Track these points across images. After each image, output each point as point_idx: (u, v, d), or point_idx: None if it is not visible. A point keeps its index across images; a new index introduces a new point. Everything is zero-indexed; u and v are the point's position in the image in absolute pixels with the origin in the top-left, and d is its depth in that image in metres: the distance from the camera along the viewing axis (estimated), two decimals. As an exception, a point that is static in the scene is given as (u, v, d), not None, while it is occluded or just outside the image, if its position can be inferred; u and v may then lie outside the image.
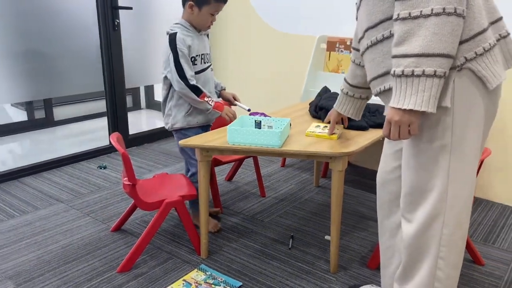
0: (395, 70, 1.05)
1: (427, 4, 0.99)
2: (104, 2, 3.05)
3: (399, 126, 1.09)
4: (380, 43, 1.17)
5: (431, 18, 0.99)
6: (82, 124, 4.21)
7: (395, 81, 1.06)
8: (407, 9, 1.01)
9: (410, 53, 1.01)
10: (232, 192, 2.66)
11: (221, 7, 1.97)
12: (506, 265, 1.94)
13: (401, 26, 1.03)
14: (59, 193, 2.62)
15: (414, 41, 1.01)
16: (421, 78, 1.01)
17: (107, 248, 2.02)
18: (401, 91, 1.05)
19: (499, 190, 2.56)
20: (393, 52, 1.06)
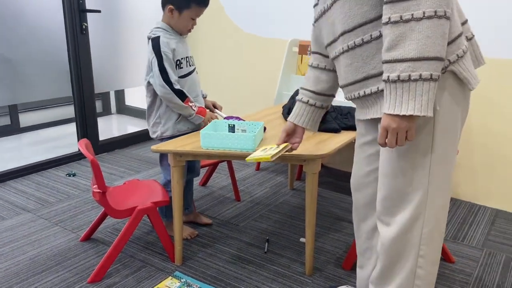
0: (389, 76, 1.02)
1: (418, 7, 0.98)
2: (71, 5, 2.97)
3: (396, 133, 1.06)
4: (359, 47, 1.14)
5: (424, 21, 0.98)
6: (50, 131, 4.08)
7: (388, 87, 1.03)
8: (398, 12, 0.99)
9: (405, 57, 0.99)
10: (207, 197, 2.63)
11: (202, 11, 1.96)
12: (475, 262, 1.99)
13: (392, 30, 1.01)
14: (26, 202, 2.52)
15: (408, 45, 0.99)
16: (418, 82, 0.99)
17: (77, 258, 1.96)
18: (396, 96, 1.02)
19: (466, 188, 2.64)
20: (385, 57, 1.03)
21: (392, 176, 1.19)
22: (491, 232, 2.28)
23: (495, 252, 2.08)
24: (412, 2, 0.98)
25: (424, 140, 1.13)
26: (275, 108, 2.53)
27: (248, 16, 3.34)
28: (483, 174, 2.57)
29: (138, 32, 3.53)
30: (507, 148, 2.45)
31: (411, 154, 1.14)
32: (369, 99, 1.19)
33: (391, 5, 1.00)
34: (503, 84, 2.40)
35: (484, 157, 2.54)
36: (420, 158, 1.14)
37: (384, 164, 1.21)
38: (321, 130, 1.99)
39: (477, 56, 1.21)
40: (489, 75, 2.43)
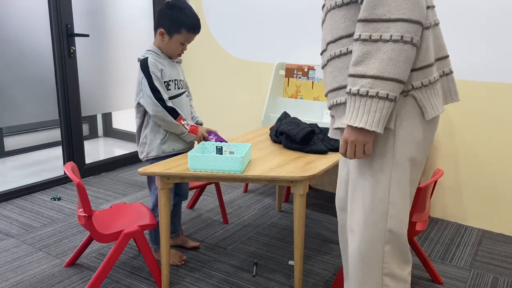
0: (350, 89, 1.09)
1: (387, 29, 1.04)
2: (59, 29, 2.99)
3: (354, 146, 1.13)
4: (337, 58, 1.20)
5: (389, 44, 1.04)
6: (35, 154, 4.03)
7: (349, 98, 1.10)
8: (369, 31, 1.06)
9: (366, 74, 1.05)
10: (194, 219, 2.61)
11: (192, 37, 1.99)
12: (463, 283, 1.99)
13: (360, 46, 1.07)
14: (9, 227, 2.47)
15: (372, 63, 1.05)
16: (374, 99, 1.05)
17: (61, 284, 1.91)
18: (354, 109, 1.09)
19: (453, 209, 2.66)
20: (350, 71, 1.09)
21: (355, 189, 1.24)
22: (478, 252, 2.29)
23: (483, 272, 2.09)
24: (383, 24, 1.04)
25: (383, 157, 1.18)
26: (262, 130, 2.54)
27: (235, 41, 3.39)
28: (469, 195, 2.60)
29: (125, 56, 3.56)
30: (493, 169, 2.50)
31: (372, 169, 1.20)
32: (339, 108, 1.24)
33: (363, 24, 1.07)
34: (487, 106, 2.46)
35: (470, 178, 2.58)
36: (380, 175, 1.19)
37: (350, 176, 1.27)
38: (308, 152, 2.01)
39: (450, 92, 1.26)
40: (472, 97, 2.49)
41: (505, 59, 2.36)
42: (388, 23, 1.04)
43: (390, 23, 1.04)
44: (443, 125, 2.60)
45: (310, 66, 2.86)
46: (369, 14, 1.06)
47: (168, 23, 1.95)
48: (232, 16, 3.37)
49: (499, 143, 2.45)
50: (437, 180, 1.77)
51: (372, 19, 1.05)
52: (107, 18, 3.38)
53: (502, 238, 2.46)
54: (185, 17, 1.93)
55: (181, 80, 2.09)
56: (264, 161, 1.87)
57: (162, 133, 1.98)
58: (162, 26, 1.95)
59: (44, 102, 3.04)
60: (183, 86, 2.09)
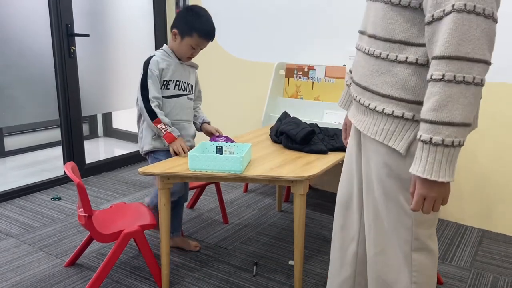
0: (431, 138, 0.95)
1: (470, 71, 0.93)
2: (59, 29, 2.99)
3: (434, 200, 1.02)
4: (374, 58, 1.12)
5: (471, 87, 0.93)
6: (35, 154, 4.03)
7: (427, 149, 0.97)
8: (453, 71, 0.93)
9: (452, 122, 0.94)
10: (195, 219, 2.61)
11: (203, 43, 2.00)
12: (463, 283, 1.99)
13: (444, 88, 0.94)
14: (9, 227, 2.47)
15: (455, 109, 0.93)
16: (456, 148, 0.96)
17: (61, 284, 1.91)
18: (435, 161, 0.96)
19: (453, 209, 2.66)
20: (429, 117, 0.96)
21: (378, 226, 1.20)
22: (479, 252, 2.29)
23: (483, 272, 2.09)
24: (466, 64, 0.93)
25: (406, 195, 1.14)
26: (262, 130, 2.54)
27: (235, 41, 3.39)
28: (470, 195, 2.60)
29: (125, 56, 3.56)
30: (494, 169, 2.50)
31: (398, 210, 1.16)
32: (361, 107, 1.19)
33: (447, 62, 0.93)
34: (487, 106, 2.46)
35: (470, 178, 2.58)
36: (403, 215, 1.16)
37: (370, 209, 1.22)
38: (308, 152, 2.01)
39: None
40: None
41: (505, 59, 2.36)
42: (472, 64, 0.93)
43: (474, 64, 0.93)
44: (443, 125, 2.60)
45: (310, 66, 2.86)
46: (454, 51, 0.92)
47: (181, 25, 1.98)
48: (232, 16, 3.37)
49: (499, 143, 2.45)
50: (437, 180, 1.77)
51: (456, 57, 0.92)
52: (107, 18, 3.38)
53: (502, 238, 2.46)
54: (199, 22, 1.95)
55: (189, 83, 2.10)
56: (264, 161, 1.87)
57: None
58: (176, 27, 2.00)
59: (44, 102, 3.04)
60: (187, 89, 2.10)
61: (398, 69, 1.06)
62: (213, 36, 2.02)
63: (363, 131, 1.16)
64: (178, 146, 1.94)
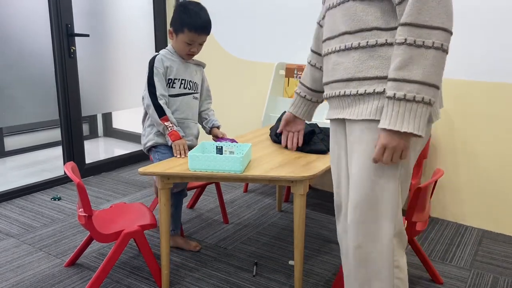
0: (395, 93, 1.08)
1: (429, 36, 1.05)
2: (59, 29, 2.99)
3: (393, 151, 1.12)
4: (354, 50, 1.20)
5: (431, 50, 1.05)
6: (35, 154, 4.03)
7: (391, 104, 1.09)
8: (413, 36, 1.06)
9: (412, 79, 1.06)
10: (195, 219, 2.61)
11: (196, 37, 1.98)
12: (463, 283, 1.99)
13: (405, 50, 1.07)
14: (9, 227, 2.47)
15: (416, 68, 1.06)
16: (419, 104, 1.07)
17: (61, 284, 1.91)
18: (398, 114, 1.08)
19: (453, 209, 2.66)
20: (393, 75, 1.08)
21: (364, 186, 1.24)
22: (479, 252, 2.29)
23: (483, 272, 2.09)
24: (425, 30, 1.05)
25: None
26: (262, 129, 2.54)
27: (235, 41, 3.39)
28: (469, 195, 2.60)
29: (125, 56, 3.56)
30: (493, 169, 2.50)
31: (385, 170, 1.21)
32: (347, 100, 1.24)
33: (408, 28, 1.07)
34: (488, 106, 2.46)
35: (470, 178, 2.58)
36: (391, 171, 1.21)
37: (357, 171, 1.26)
38: (308, 152, 2.01)
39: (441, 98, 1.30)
40: (472, 97, 2.49)
41: (505, 59, 2.36)
42: (430, 30, 1.05)
43: (432, 30, 1.05)
44: (443, 125, 2.60)
45: (310, 66, 2.85)
46: (415, 19, 1.06)
47: (174, 22, 2.00)
48: (232, 16, 3.37)
49: (499, 143, 2.45)
50: (437, 180, 1.77)
51: (416, 24, 1.06)
52: (107, 18, 3.38)
53: (502, 238, 2.46)
54: (188, 16, 1.94)
55: (194, 82, 2.11)
56: (264, 161, 1.87)
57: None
58: (171, 25, 2.02)
59: (44, 102, 3.04)
60: (193, 88, 2.10)
61: (381, 51, 1.16)
62: (204, 29, 1.98)
63: (356, 118, 1.21)
64: (181, 147, 1.95)
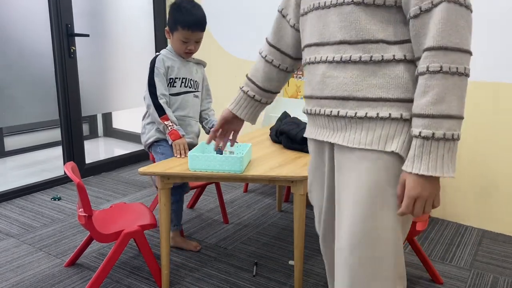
0: (434, 133, 0.90)
1: (461, 61, 0.91)
2: (59, 29, 2.99)
3: (426, 200, 0.94)
4: (353, 64, 1.01)
5: (464, 78, 0.92)
6: (35, 154, 4.03)
7: (428, 145, 0.91)
8: (448, 62, 0.90)
9: (451, 114, 0.91)
10: (195, 219, 2.61)
11: (190, 35, 1.98)
12: (463, 283, 1.99)
13: (442, 81, 0.90)
14: (9, 227, 2.47)
15: (453, 100, 0.91)
16: (456, 142, 0.92)
17: (61, 284, 1.91)
18: (437, 157, 0.91)
19: (453, 209, 2.66)
20: (429, 110, 0.91)
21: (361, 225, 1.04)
22: (479, 252, 2.29)
23: (483, 272, 2.09)
24: (458, 54, 0.91)
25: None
26: (262, 129, 2.54)
27: (235, 41, 3.39)
28: (469, 195, 2.60)
29: (125, 56, 3.56)
30: (494, 169, 2.50)
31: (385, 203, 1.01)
32: (340, 121, 1.05)
33: (444, 53, 0.90)
34: (488, 106, 2.46)
35: (470, 178, 2.58)
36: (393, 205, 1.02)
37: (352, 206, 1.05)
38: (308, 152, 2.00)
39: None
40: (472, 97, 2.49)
41: (505, 59, 2.36)
42: (461, 54, 0.91)
43: (463, 54, 0.91)
44: (443, 125, 2.60)
45: (310, 66, 2.86)
46: (448, 42, 0.90)
47: (169, 21, 2.02)
48: (232, 16, 3.37)
49: (499, 143, 2.45)
50: (437, 180, 1.77)
51: (451, 48, 0.90)
52: (107, 18, 3.38)
53: (502, 238, 2.46)
54: (180, 14, 1.95)
55: (195, 80, 2.12)
56: (264, 161, 1.87)
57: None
58: (167, 24, 2.04)
59: (44, 102, 3.04)
60: (193, 86, 2.11)
61: (387, 68, 0.99)
62: (197, 26, 1.97)
63: (353, 145, 1.02)
64: (181, 147, 1.95)
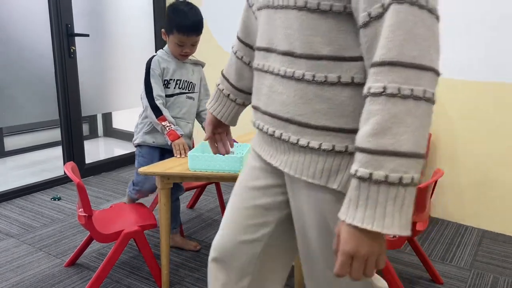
0: (371, 174, 0.68)
1: (418, 81, 0.68)
2: (59, 29, 2.99)
3: (366, 259, 0.72)
4: (296, 81, 0.82)
5: (422, 104, 0.68)
6: (35, 154, 4.03)
7: (365, 188, 0.69)
8: (397, 82, 0.67)
9: (398, 150, 0.67)
10: (194, 219, 2.61)
11: (185, 38, 1.96)
12: (463, 283, 1.99)
13: (386, 105, 0.68)
14: (9, 227, 2.47)
15: (403, 133, 0.67)
16: (408, 188, 0.69)
17: (61, 284, 1.91)
18: (377, 205, 0.69)
19: (453, 209, 2.66)
20: (367, 144, 0.69)
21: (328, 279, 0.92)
22: (479, 252, 2.29)
23: (483, 272, 2.09)
24: (413, 72, 0.68)
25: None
26: (262, 130, 2.54)
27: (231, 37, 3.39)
28: (470, 195, 2.59)
29: (125, 56, 3.56)
30: (493, 169, 2.50)
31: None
32: (282, 144, 0.89)
33: (389, 69, 0.68)
34: (487, 106, 2.46)
35: (470, 178, 2.57)
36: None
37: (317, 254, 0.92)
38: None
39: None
40: (472, 97, 2.49)
41: (505, 59, 2.36)
42: (420, 72, 0.68)
43: (422, 72, 0.68)
44: (443, 125, 2.60)
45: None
46: (398, 55, 0.67)
47: (165, 24, 2.02)
48: (232, 16, 3.37)
49: (499, 143, 2.45)
50: (437, 180, 1.77)
51: (401, 63, 0.67)
52: (107, 18, 3.38)
53: (502, 238, 2.46)
54: (176, 17, 1.95)
55: (190, 82, 2.11)
56: (264, 161, 1.86)
57: (149, 124, 2.07)
58: (164, 26, 2.04)
59: (44, 102, 3.04)
60: (187, 88, 2.11)
61: (331, 92, 0.80)
62: (192, 30, 1.95)
63: (294, 174, 0.86)
64: (181, 147, 1.95)
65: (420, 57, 0.68)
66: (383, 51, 0.68)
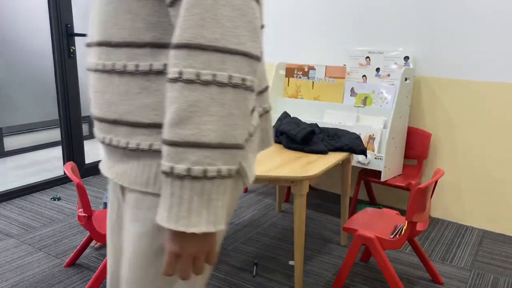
0: (173, 167, 0.63)
1: (222, 65, 0.62)
2: (59, 29, 2.99)
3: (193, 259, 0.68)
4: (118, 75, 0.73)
5: (228, 91, 0.63)
6: (35, 154, 4.03)
7: (170, 184, 0.64)
8: (195, 67, 0.61)
9: (202, 141, 0.62)
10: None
11: None
12: (464, 283, 1.99)
13: (184, 92, 0.62)
14: (9, 227, 2.47)
15: (205, 122, 0.62)
16: (215, 181, 0.64)
17: (61, 284, 1.91)
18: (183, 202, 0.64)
19: (453, 209, 2.66)
20: (169, 136, 0.63)
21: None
22: (479, 252, 2.29)
23: (483, 272, 2.09)
24: (215, 56, 0.62)
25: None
26: (262, 130, 2.54)
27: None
28: (469, 195, 2.59)
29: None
30: (494, 170, 2.50)
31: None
32: (117, 152, 0.78)
33: (187, 52, 0.62)
34: (488, 106, 2.46)
35: (470, 178, 2.57)
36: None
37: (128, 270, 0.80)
38: (308, 152, 2.01)
39: (268, 136, 0.90)
40: (472, 97, 2.49)
41: (505, 59, 2.36)
42: (224, 56, 0.62)
43: (227, 56, 0.63)
44: (443, 125, 2.60)
45: (311, 66, 2.86)
46: (195, 36, 0.61)
47: None
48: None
49: (499, 143, 2.45)
50: (437, 180, 1.77)
51: (199, 46, 0.61)
52: (107, 18, 3.39)
53: (503, 238, 2.46)
54: None
55: None
56: (264, 161, 1.87)
57: None
58: None
59: (44, 102, 3.04)
60: None
61: (158, 82, 0.71)
62: None
63: (128, 185, 0.76)
64: None
65: (224, 40, 0.62)
66: (178, 31, 0.62)
